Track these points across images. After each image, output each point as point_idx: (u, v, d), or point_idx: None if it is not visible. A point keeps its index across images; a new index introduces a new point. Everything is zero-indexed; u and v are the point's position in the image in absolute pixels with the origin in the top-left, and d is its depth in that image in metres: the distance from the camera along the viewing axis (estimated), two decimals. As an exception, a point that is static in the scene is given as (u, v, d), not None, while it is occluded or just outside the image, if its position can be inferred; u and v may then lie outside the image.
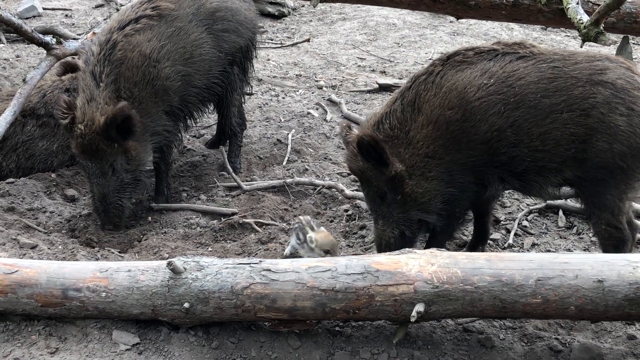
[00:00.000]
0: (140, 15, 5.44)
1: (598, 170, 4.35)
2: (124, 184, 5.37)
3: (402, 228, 4.66)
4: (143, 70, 5.32)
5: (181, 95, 5.59)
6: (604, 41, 5.00)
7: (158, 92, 5.42)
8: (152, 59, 5.36)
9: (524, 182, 4.57)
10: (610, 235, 4.42)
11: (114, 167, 5.29)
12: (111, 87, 5.22)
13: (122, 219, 5.43)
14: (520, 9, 5.85)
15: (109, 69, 5.23)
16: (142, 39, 5.36)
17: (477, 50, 4.53)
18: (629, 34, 5.91)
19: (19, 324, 4.00)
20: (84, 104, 5.21)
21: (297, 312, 3.83)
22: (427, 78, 4.54)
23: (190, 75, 5.59)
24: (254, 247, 5.05)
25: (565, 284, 3.69)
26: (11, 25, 6.06)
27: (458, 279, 3.74)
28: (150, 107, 5.40)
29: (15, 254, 4.77)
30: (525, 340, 4.13)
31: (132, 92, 5.29)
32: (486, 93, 4.39)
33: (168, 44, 5.44)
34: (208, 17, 5.70)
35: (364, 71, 8.43)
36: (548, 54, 4.46)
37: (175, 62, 5.48)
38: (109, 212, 5.37)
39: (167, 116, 5.54)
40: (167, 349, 3.89)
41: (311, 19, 10.16)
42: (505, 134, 4.39)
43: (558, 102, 4.33)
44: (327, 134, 6.79)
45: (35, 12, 9.73)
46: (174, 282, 3.86)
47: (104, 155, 5.24)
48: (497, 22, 9.49)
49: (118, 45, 5.29)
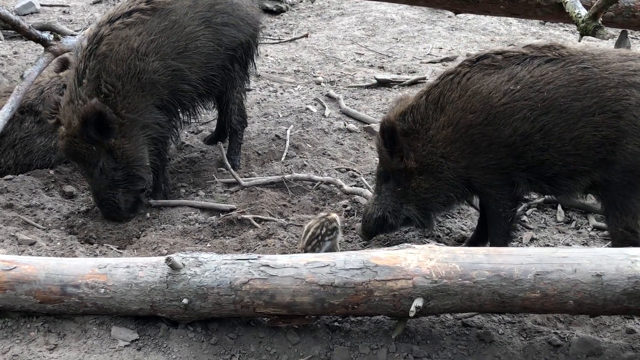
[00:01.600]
0: (134, 9, 5.40)
1: (626, 174, 4.32)
2: (115, 180, 5.35)
3: (386, 214, 4.81)
4: (129, 64, 5.25)
5: (172, 89, 5.52)
6: (602, 35, 4.99)
7: (145, 86, 5.34)
8: (140, 53, 5.29)
9: (554, 186, 4.56)
10: (625, 238, 4.38)
11: (100, 168, 5.27)
12: (92, 83, 5.17)
13: (119, 213, 5.42)
14: (518, 3, 5.85)
15: (93, 64, 5.19)
16: (132, 32, 5.31)
17: (506, 54, 4.50)
18: (627, 28, 5.93)
19: (18, 320, 4.00)
20: (65, 105, 5.21)
21: (296, 308, 3.83)
22: (453, 78, 4.54)
23: (182, 70, 5.51)
24: (253, 242, 5.05)
25: (564, 279, 3.69)
26: (9, 21, 6.06)
27: (457, 273, 3.74)
28: (137, 102, 5.33)
29: (14, 250, 4.77)
30: (524, 334, 4.14)
31: (115, 86, 5.22)
32: (512, 99, 4.37)
33: (159, 38, 5.38)
34: (206, 10, 5.64)
35: (362, 66, 8.42)
36: (577, 55, 4.41)
37: (165, 56, 5.40)
38: (104, 208, 5.39)
39: (158, 110, 5.48)
40: (166, 344, 3.89)
41: (309, 15, 10.15)
42: (532, 138, 4.37)
43: (590, 104, 4.29)
44: (326, 130, 6.78)
45: (32, 8, 9.71)
46: (173, 278, 3.86)
47: (85, 157, 5.23)
48: (495, 17, 9.48)
49: (104, 39, 5.25)
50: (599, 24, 4.98)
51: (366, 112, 7.18)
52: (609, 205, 4.47)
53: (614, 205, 4.42)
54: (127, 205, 5.45)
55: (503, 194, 4.58)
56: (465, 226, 5.33)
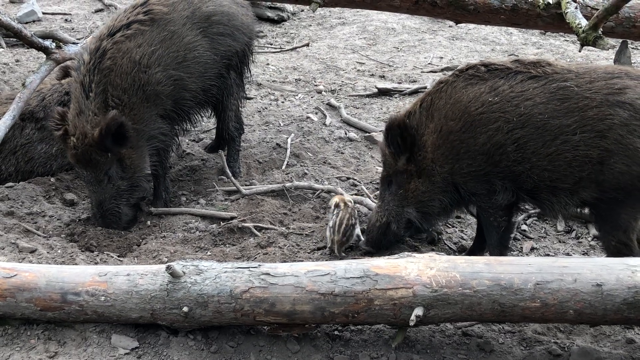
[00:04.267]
0: (132, 21, 5.43)
1: (616, 192, 4.32)
2: (120, 190, 5.40)
3: (390, 219, 4.88)
4: (133, 77, 5.32)
5: (175, 99, 5.58)
6: (603, 45, 5.01)
7: (150, 97, 5.42)
8: (142, 65, 5.35)
9: (536, 200, 4.60)
10: (618, 251, 4.38)
11: (109, 175, 5.33)
12: (100, 97, 5.24)
13: (120, 224, 5.45)
14: (519, 13, 5.87)
15: (98, 78, 5.24)
16: (132, 45, 5.35)
17: (492, 67, 4.58)
18: (627, 39, 5.94)
19: (18, 328, 4.00)
20: (74, 117, 5.25)
21: (296, 316, 3.83)
22: (442, 87, 4.66)
23: (183, 80, 5.58)
24: (253, 251, 5.05)
25: (564, 288, 3.69)
26: (11, 29, 6.07)
27: (457, 283, 3.74)
28: (142, 113, 5.40)
29: (15, 258, 4.77)
30: (525, 344, 4.13)
31: (122, 99, 5.29)
32: (489, 110, 4.45)
33: (159, 49, 5.43)
34: (203, 21, 5.70)
35: (363, 75, 8.44)
36: (562, 73, 4.43)
37: (167, 67, 5.47)
38: (106, 218, 5.41)
39: (162, 120, 5.55)
40: (166, 353, 3.89)
41: (310, 24, 10.18)
42: (506, 149, 4.43)
43: (569, 123, 4.31)
44: (327, 138, 6.79)
45: (35, 16, 9.73)
46: (173, 286, 3.86)
47: (98, 165, 5.28)
48: (496, 27, 9.51)
49: (107, 53, 5.28)
50: (600, 34, 5.00)
51: (367, 121, 7.19)
52: (600, 221, 4.52)
53: (605, 221, 4.46)
54: (127, 217, 5.50)
55: (490, 203, 4.63)
56: (465, 235, 5.34)
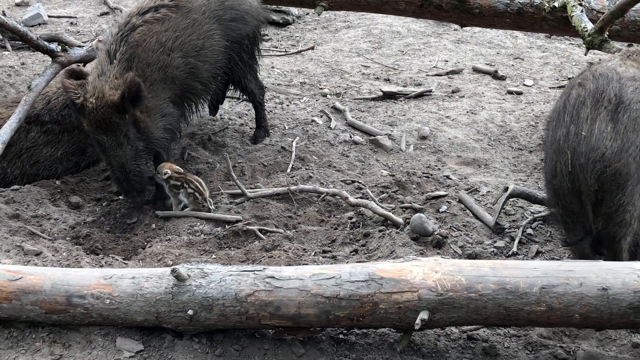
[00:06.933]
0: (160, 5, 5.71)
1: None
2: (139, 151, 5.57)
3: None
4: (158, 56, 5.58)
5: (185, 86, 5.84)
6: (609, 49, 5.00)
7: (167, 79, 5.67)
8: (167, 48, 5.63)
9: None
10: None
11: (128, 137, 5.48)
12: (123, 64, 5.45)
13: (143, 185, 5.64)
14: (524, 17, 5.87)
15: (125, 49, 5.48)
16: (161, 28, 5.63)
17: None
18: (633, 42, 5.93)
19: (23, 330, 4.00)
20: (94, 79, 5.44)
21: (301, 320, 3.83)
22: None
23: (197, 68, 5.84)
24: (258, 254, 5.05)
25: (569, 292, 3.68)
26: (16, 32, 6.08)
27: (462, 286, 3.74)
28: (159, 92, 5.63)
29: (20, 260, 4.78)
30: (530, 348, 4.13)
31: (145, 72, 5.52)
32: None
33: (182, 36, 5.71)
34: (218, 8, 5.99)
35: (368, 79, 8.43)
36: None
37: (186, 54, 5.74)
38: (130, 180, 5.54)
39: (172, 104, 5.78)
40: (171, 356, 3.89)
41: (315, 27, 10.17)
42: None
43: None
44: (332, 142, 6.79)
45: (40, 19, 9.74)
46: (178, 289, 3.86)
47: (117, 127, 5.42)
48: (501, 30, 9.49)
49: (137, 29, 5.56)
50: (605, 38, 5.00)
51: (372, 124, 7.18)
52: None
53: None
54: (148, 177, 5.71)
55: None
56: (470, 239, 5.32)
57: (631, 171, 4.10)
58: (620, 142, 4.09)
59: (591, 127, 4.12)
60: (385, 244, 5.09)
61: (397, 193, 5.79)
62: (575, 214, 4.27)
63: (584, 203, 4.17)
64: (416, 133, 6.97)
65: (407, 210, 5.53)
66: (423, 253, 5.00)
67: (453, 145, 6.77)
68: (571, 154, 4.14)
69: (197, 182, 5.58)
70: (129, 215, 5.75)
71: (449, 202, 5.62)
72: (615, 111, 4.13)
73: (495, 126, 7.11)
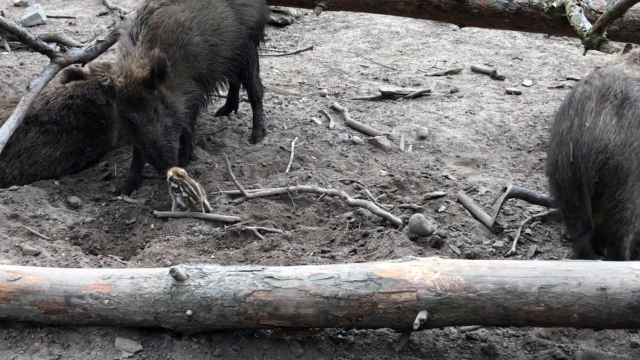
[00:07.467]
0: None
1: None
2: (168, 127, 5.75)
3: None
4: (177, 35, 5.82)
5: (209, 63, 6.07)
6: (607, 49, 5.01)
7: (189, 57, 5.90)
8: (185, 27, 5.87)
9: None
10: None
11: (157, 112, 5.66)
12: (147, 44, 5.67)
13: (175, 159, 5.80)
14: (523, 17, 5.87)
15: (146, 31, 5.72)
16: (177, 9, 5.89)
17: None
18: (631, 42, 5.92)
19: (22, 331, 4.00)
20: (120, 60, 5.69)
21: (300, 320, 3.83)
22: None
23: (217, 45, 6.09)
24: (257, 254, 5.05)
25: (568, 292, 3.69)
26: (15, 33, 6.09)
27: (461, 286, 3.74)
28: (182, 70, 5.86)
29: (19, 261, 4.78)
30: (529, 348, 4.13)
31: (167, 52, 5.69)
32: None
33: (199, 16, 5.96)
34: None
35: (366, 79, 8.43)
36: None
37: (204, 32, 5.98)
38: (163, 156, 5.70)
39: (195, 82, 6.01)
40: (170, 356, 3.89)
41: (314, 27, 10.17)
42: None
43: None
44: (330, 142, 6.79)
45: (39, 20, 9.74)
46: (177, 289, 3.86)
47: (147, 103, 5.61)
48: (500, 30, 9.49)
49: (155, 12, 5.81)
50: (604, 38, 5.00)
51: (371, 124, 7.18)
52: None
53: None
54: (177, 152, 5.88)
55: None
56: (469, 239, 5.32)
57: (632, 167, 4.12)
58: (624, 136, 4.11)
59: (595, 119, 4.14)
60: (384, 244, 5.09)
61: (395, 193, 5.79)
62: (575, 208, 4.29)
63: (584, 196, 4.19)
64: (415, 133, 6.98)
65: (405, 210, 5.54)
66: (422, 253, 5.00)
67: (452, 145, 6.78)
68: (573, 144, 4.15)
69: (193, 186, 5.56)
70: (127, 216, 5.75)
71: (448, 202, 5.62)
72: (620, 106, 4.15)
73: (494, 126, 7.11)
